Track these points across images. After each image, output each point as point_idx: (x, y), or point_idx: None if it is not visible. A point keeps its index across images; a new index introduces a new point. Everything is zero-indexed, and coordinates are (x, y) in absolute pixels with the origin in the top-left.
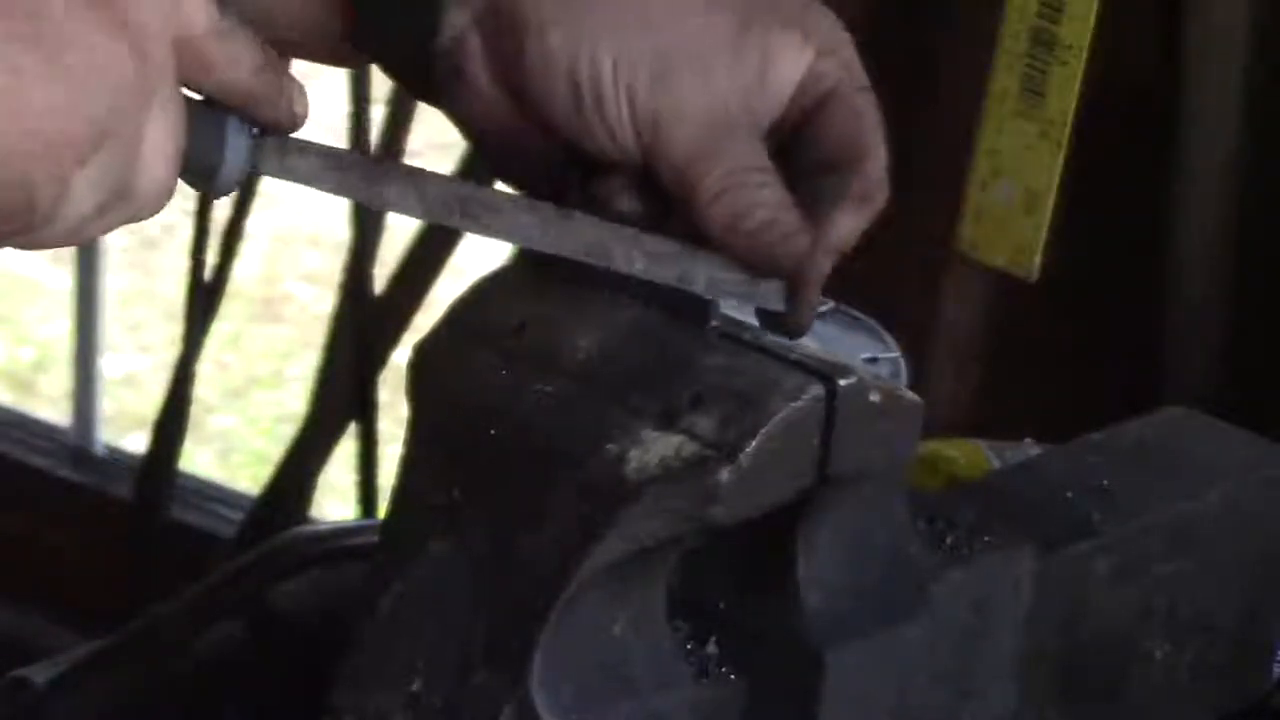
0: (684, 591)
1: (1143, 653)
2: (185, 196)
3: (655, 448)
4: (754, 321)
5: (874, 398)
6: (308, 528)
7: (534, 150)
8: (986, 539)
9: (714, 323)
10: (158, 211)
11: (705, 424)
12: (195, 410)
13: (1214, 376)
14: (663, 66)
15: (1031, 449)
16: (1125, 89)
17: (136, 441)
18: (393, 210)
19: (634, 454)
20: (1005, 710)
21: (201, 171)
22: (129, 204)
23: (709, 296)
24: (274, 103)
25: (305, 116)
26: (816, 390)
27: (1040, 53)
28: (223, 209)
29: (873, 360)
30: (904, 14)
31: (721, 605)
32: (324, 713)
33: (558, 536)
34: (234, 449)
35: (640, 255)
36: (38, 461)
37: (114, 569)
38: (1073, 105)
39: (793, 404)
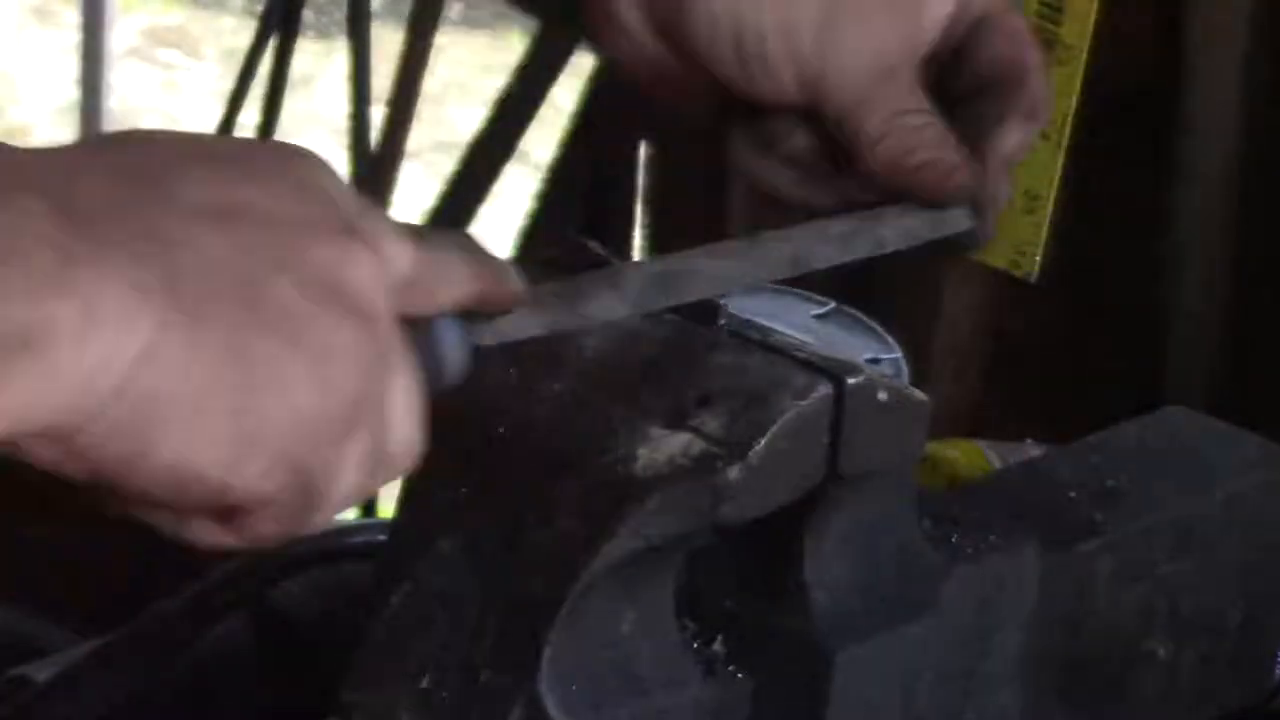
0: (691, 590)
1: (1145, 652)
2: None
3: (663, 446)
4: (758, 320)
5: (882, 396)
6: None
7: (690, 88)
8: (991, 538)
9: (722, 321)
10: (412, 467)
11: (714, 423)
12: None
13: (1214, 376)
14: (825, 20)
15: (1032, 449)
16: (1125, 89)
17: None
18: (602, 320)
19: (642, 453)
20: (1010, 709)
21: (428, 381)
22: (387, 468)
23: (905, 248)
24: (492, 297)
25: (523, 289)
26: (825, 389)
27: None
28: None
29: (874, 360)
30: None
31: (729, 604)
32: (332, 710)
33: (566, 535)
34: None
35: (834, 245)
36: None
37: (114, 569)
38: (1073, 105)
39: (801, 403)
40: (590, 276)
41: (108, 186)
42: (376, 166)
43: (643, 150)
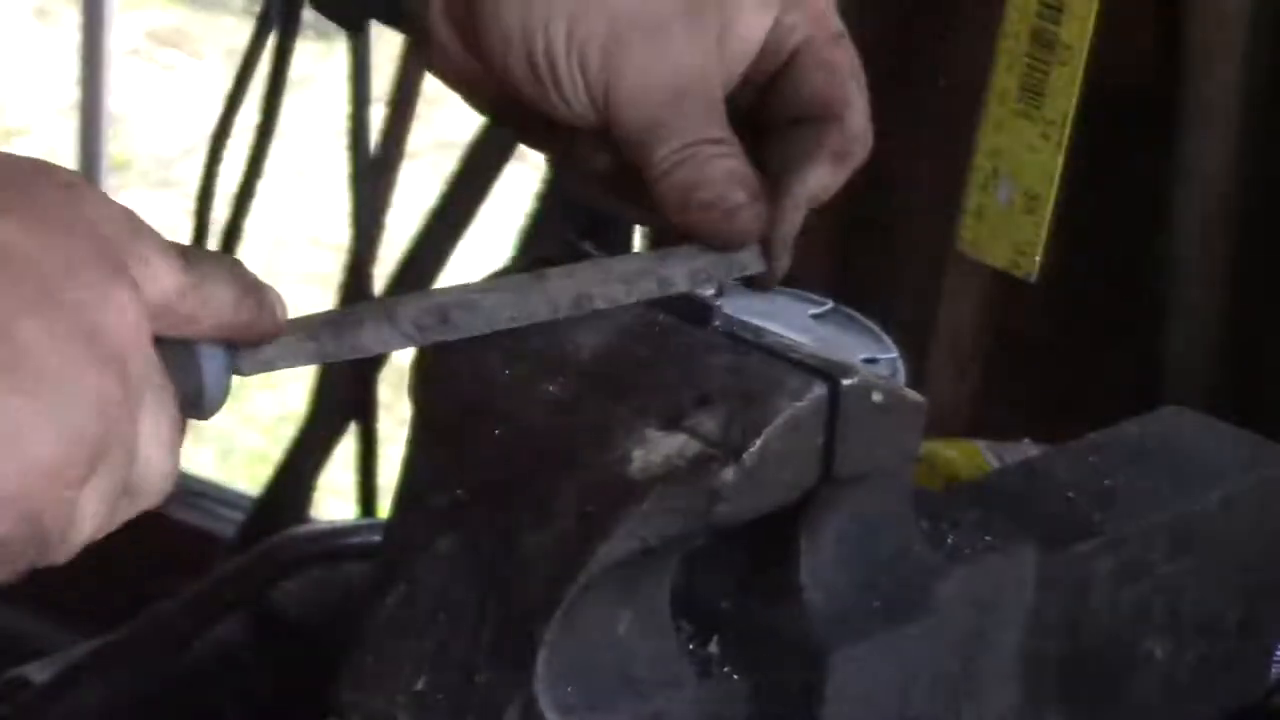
0: (688, 591)
1: (1143, 652)
2: (185, 196)
3: (659, 447)
4: (755, 321)
5: (877, 397)
6: (308, 527)
7: (503, 103)
8: (989, 538)
9: (717, 323)
10: (166, 495)
11: (709, 424)
12: None
13: (1214, 376)
14: (614, 37)
15: (1030, 449)
16: (1125, 89)
17: None
18: (375, 352)
19: (638, 454)
20: (1007, 709)
21: (186, 404)
22: (138, 498)
23: (694, 289)
24: (255, 324)
25: (285, 319)
26: (820, 390)
27: (1040, 53)
28: (222, 209)
29: (871, 361)
30: (904, 14)
31: (725, 605)
32: (329, 711)
33: (562, 536)
34: (233, 449)
35: (618, 285)
36: None
37: (114, 569)
38: (1073, 105)
39: (796, 404)
40: (366, 305)
41: None
42: (376, 166)
43: None
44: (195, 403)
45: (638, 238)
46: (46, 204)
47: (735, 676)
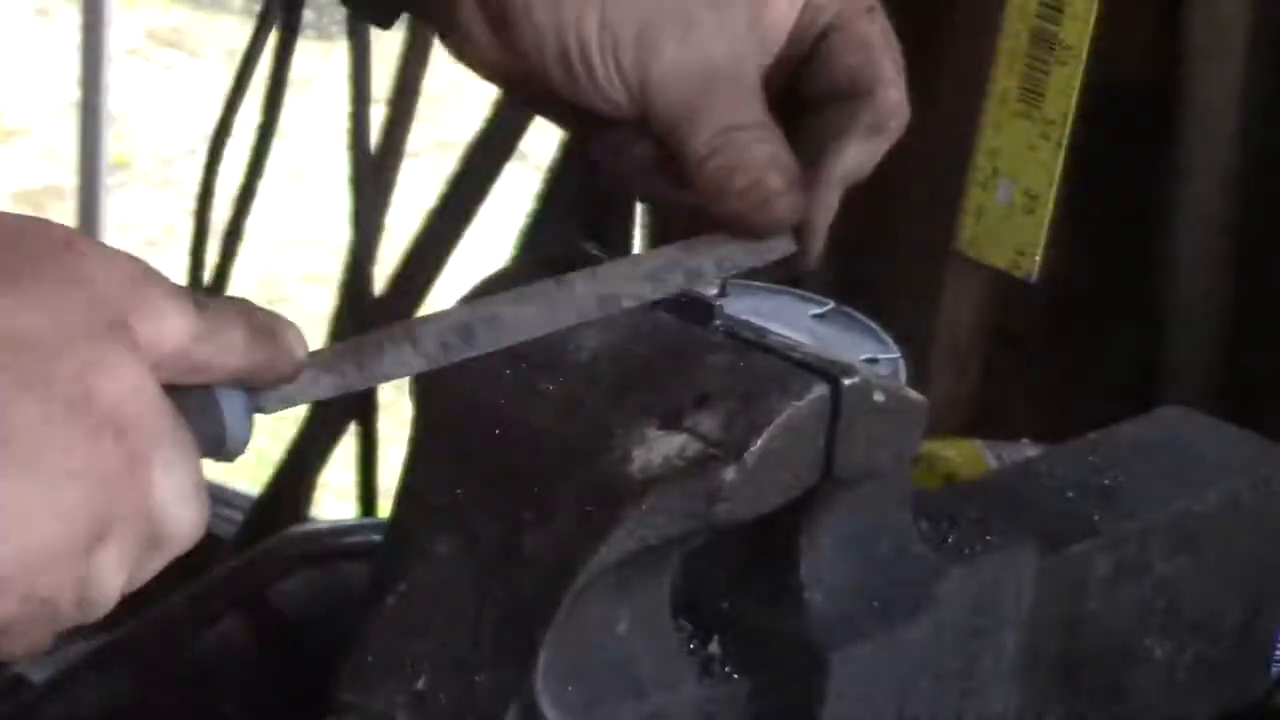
0: (687, 591)
1: (1143, 652)
2: (185, 196)
3: (660, 447)
4: (756, 321)
5: (878, 397)
6: (308, 527)
7: (539, 96)
8: (988, 538)
9: (718, 322)
10: (198, 539)
11: (709, 423)
12: None
13: (1214, 376)
14: (645, 27)
15: (1029, 449)
16: (1125, 89)
17: None
18: (400, 377)
19: (638, 453)
20: (1006, 709)
21: (210, 448)
22: (165, 549)
23: (723, 277)
24: (272, 365)
25: (305, 356)
26: (821, 390)
27: (1040, 53)
28: (223, 209)
29: (872, 361)
30: (904, 14)
31: (725, 605)
32: (329, 711)
33: (563, 535)
34: None
35: (645, 283)
36: None
37: None
38: (1073, 105)
39: (797, 403)
40: (388, 332)
41: None
42: (376, 166)
43: None
44: (218, 446)
45: (637, 237)
46: (42, 270)
47: (735, 676)
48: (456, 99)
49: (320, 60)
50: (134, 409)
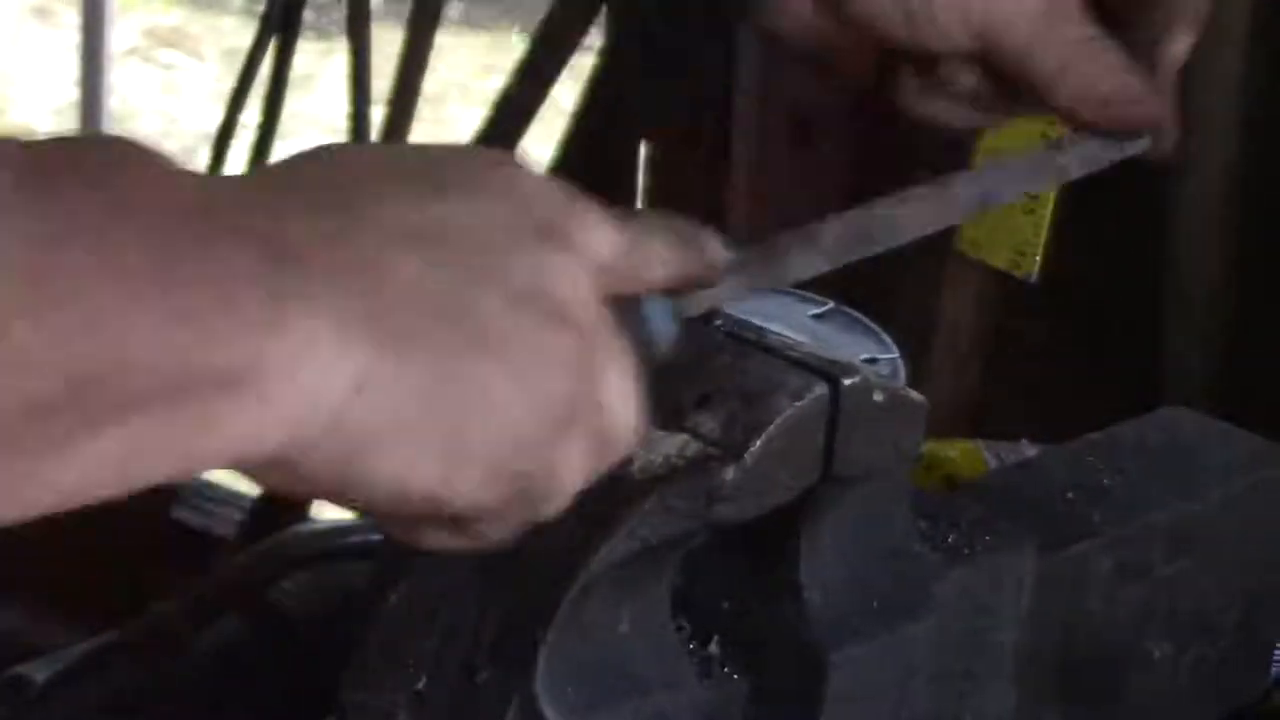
0: (687, 591)
1: (1143, 652)
2: None
3: (660, 447)
4: (756, 321)
5: (878, 397)
6: (308, 527)
7: (853, 53)
8: (988, 538)
9: (718, 322)
10: (633, 445)
11: (710, 423)
12: None
13: (1214, 376)
14: None
15: (1028, 449)
16: None
17: None
18: (802, 278)
19: (639, 453)
20: (1006, 710)
21: (639, 354)
22: (610, 450)
23: (1087, 172)
24: (695, 273)
25: (724, 263)
26: (821, 390)
27: None
28: None
29: (871, 361)
30: None
31: (725, 605)
32: (330, 710)
33: (563, 535)
34: None
35: (1020, 180)
36: None
37: (115, 568)
38: None
39: (797, 403)
40: (787, 236)
41: (309, 219)
42: None
43: (643, 150)
44: (647, 352)
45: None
46: (482, 181)
47: (735, 676)
48: (456, 99)
49: (320, 60)
50: (580, 310)
